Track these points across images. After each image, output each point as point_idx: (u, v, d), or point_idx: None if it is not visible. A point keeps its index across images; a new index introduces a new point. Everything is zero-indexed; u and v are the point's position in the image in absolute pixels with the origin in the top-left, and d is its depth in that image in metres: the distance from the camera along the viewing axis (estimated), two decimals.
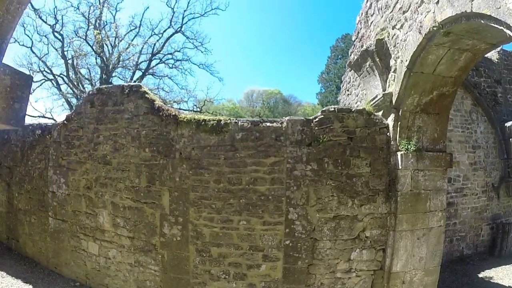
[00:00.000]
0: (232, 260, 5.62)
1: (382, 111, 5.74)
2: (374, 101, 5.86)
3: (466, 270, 8.53)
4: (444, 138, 5.74)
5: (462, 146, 9.47)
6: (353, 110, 5.65)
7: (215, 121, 5.93)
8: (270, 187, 5.55)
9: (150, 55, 24.24)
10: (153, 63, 25.00)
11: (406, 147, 5.37)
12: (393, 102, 5.47)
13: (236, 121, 5.85)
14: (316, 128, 5.60)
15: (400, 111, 5.42)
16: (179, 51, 25.22)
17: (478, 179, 9.65)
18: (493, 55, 10.73)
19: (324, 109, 5.75)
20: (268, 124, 5.70)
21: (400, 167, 5.36)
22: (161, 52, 24.79)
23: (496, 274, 8.25)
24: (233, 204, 5.64)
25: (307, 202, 5.49)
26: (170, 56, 25.19)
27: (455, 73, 5.19)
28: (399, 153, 5.40)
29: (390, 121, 5.58)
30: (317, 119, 5.64)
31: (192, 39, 24.73)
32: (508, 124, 10.04)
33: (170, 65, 25.31)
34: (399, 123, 5.44)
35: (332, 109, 5.66)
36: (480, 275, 8.19)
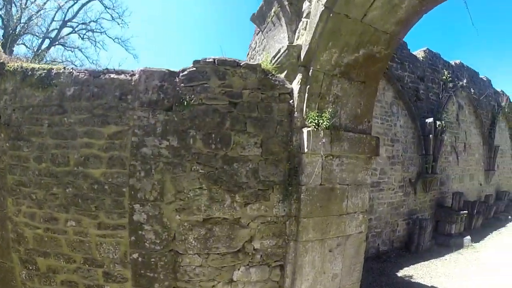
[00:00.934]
0: (64, 278, 3.76)
1: (286, 72, 4.01)
2: (276, 57, 4.12)
3: (384, 268, 7.66)
4: (370, 117, 4.23)
5: (381, 138, 8.33)
6: (241, 64, 3.82)
7: (45, 71, 3.82)
8: (107, 171, 3.50)
9: (61, 22, 20.41)
10: (65, 31, 21.20)
11: (316, 122, 3.70)
12: (302, 57, 3.77)
13: (71, 70, 3.79)
14: (183, 85, 3.68)
15: (311, 71, 3.72)
16: (95, 22, 21.67)
17: (395, 173, 8.74)
18: (418, 53, 10.26)
19: (198, 59, 3.83)
20: (113, 76, 3.66)
21: (306, 150, 3.65)
22: (75, 21, 21.13)
23: (416, 272, 7.46)
24: (57, 195, 3.66)
25: (162, 197, 3.51)
26: (84, 26, 21.56)
27: (391, 27, 3.69)
28: (305, 130, 3.69)
29: (296, 85, 3.86)
30: (185, 73, 3.72)
31: (110, 9, 21.36)
32: (428, 120, 9.32)
33: (82, 36, 21.64)
34: (308, 87, 3.74)
35: (211, 60, 3.77)
36: (400, 274, 7.37)
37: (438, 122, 9.42)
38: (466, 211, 9.97)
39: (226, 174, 3.60)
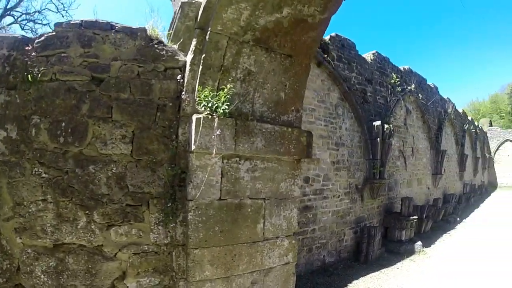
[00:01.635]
0: None
1: (181, 40, 2.82)
2: (172, 22, 2.96)
3: (331, 283, 6.70)
4: (299, 105, 3.16)
5: (324, 142, 7.52)
6: (116, 27, 2.64)
7: None
8: None
9: (3, 9, 17.96)
10: (8, 21, 18.72)
11: (211, 105, 2.54)
12: (199, 17, 2.63)
13: None
14: (35, 55, 2.46)
15: (209, 33, 2.57)
16: (39, 12, 19.39)
17: (340, 179, 7.86)
18: (367, 55, 9.61)
19: (61, 22, 2.58)
20: None
21: (193, 148, 2.48)
22: (18, 10, 18.74)
23: (366, 285, 6.62)
24: None
25: None
26: (27, 17, 19.23)
27: None
28: (194, 117, 2.51)
29: (189, 55, 2.70)
30: (42, 39, 2.53)
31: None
32: (376, 123, 8.59)
33: (23, 26, 19.33)
34: (204, 56, 2.58)
35: (77, 22, 2.58)
36: None
37: (386, 126, 8.74)
38: (416, 216, 9.37)
39: (78, 182, 2.39)
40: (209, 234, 2.51)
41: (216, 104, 2.43)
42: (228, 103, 2.47)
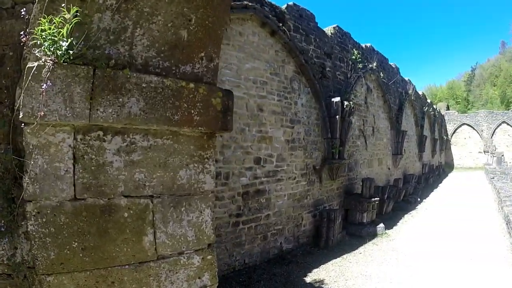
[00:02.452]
0: None
1: None
2: None
3: (289, 272, 6.08)
4: (215, 50, 2.25)
5: (278, 119, 6.77)
6: None
7: None
8: None
9: None
10: None
11: (57, 46, 1.58)
12: None
13: None
14: None
15: None
16: None
17: (296, 160, 7.18)
18: (328, 29, 8.91)
19: None
20: None
21: (21, 116, 1.55)
22: None
23: (328, 274, 6.04)
24: None
25: None
26: None
27: None
28: (26, 68, 1.57)
29: None
30: None
31: None
32: (335, 99, 7.95)
33: None
34: None
35: None
36: (308, 279, 5.84)
37: (346, 103, 8.12)
38: (378, 198, 8.93)
39: None
40: (65, 253, 1.63)
41: (58, 44, 1.54)
42: (84, 41, 1.58)
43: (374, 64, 10.88)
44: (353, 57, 9.58)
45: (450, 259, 6.51)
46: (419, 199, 12.79)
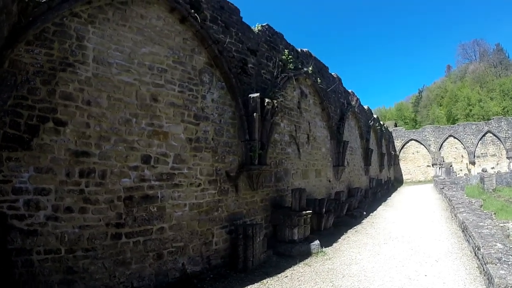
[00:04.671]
0: None
1: None
2: None
3: None
4: None
5: (177, 112, 5.47)
6: None
7: None
8: None
9: None
10: None
11: None
12: None
13: None
14: None
15: None
16: None
17: (202, 163, 5.84)
18: (257, 26, 8.01)
19: None
20: None
21: None
22: None
23: None
24: None
25: None
26: None
27: None
28: None
29: None
30: None
31: None
32: (253, 95, 6.76)
33: None
34: None
35: None
36: None
37: (267, 100, 6.99)
38: (311, 211, 7.65)
39: None
40: None
41: None
42: None
43: (310, 68, 10.02)
44: (284, 57, 8.60)
45: (398, 279, 5.43)
46: (365, 213, 11.80)
